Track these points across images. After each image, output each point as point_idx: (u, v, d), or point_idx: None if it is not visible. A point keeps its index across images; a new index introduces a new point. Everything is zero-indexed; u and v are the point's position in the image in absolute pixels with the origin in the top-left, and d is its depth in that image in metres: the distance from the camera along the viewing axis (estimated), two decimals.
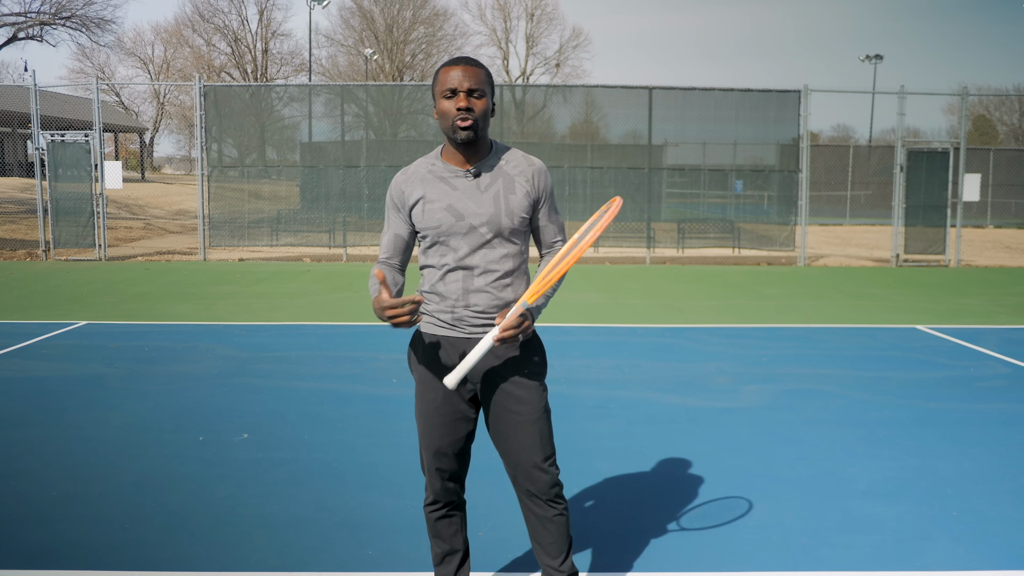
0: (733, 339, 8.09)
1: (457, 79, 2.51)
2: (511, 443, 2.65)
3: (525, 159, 2.65)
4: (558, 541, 2.72)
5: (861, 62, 51.67)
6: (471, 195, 2.56)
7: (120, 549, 3.42)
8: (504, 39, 57.75)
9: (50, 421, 5.17)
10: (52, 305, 9.76)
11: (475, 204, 2.55)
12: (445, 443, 2.68)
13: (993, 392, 6.15)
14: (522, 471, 2.66)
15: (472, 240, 2.56)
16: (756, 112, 16.00)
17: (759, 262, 15.88)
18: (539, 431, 2.64)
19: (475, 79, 2.52)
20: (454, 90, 2.51)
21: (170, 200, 28.38)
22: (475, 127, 2.52)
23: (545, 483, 2.66)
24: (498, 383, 2.62)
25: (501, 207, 2.55)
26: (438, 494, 2.76)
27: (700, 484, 4.19)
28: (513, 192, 2.57)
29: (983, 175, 20.29)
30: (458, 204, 2.56)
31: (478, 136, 2.54)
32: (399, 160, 16.16)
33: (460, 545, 2.84)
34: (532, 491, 2.67)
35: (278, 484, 4.13)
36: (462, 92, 2.51)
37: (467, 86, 2.51)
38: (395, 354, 7.14)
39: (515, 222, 2.57)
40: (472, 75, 2.52)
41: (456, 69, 2.53)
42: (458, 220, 2.56)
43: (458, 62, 2.55)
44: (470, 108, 2.51)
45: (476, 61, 2.59)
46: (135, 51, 54.44)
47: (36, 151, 15.06)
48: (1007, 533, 3.63)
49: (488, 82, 2.56)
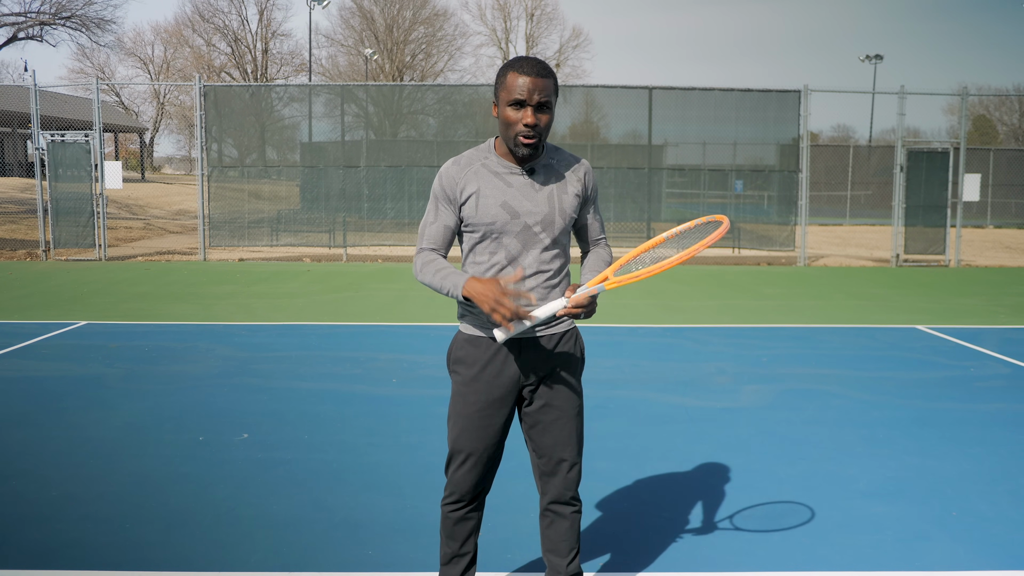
0: (733, 339, 8.09)
1: (527, 90, 2.38)
2: (549, 437, 2.65)
3: (573, 157, 2.63)
4: (569, 539, 2.72)
5: (861, 62, 51.69)
6: (526, 193, 2.52)
7: (120, 549, 3.42)
8: (504, 39, 57.78)
9: (50, 421, 5.17)
10: (52, 305, 9.76)
11: (530, 202, 2.51)
12: (481, 446, 2.64)
13: (993, 392, 6.15)
14: (555, 466, 2.67)
15: (525, 239, 2.52)
16: (756, 112, 16.01)
17: (759, 262, 15.88)
18: (577, 428, 2.68)
19: (545, 91, 2.40)
20: (522, 102, 2.40)
21: (170, 200, 28.39)
22: (538, 144, 2.46)
23: (572, 480, 2.69)
24: (548, 377, 2.63)
25: (555, 206, 2.53)
26: (463, 494, 2.70)
27: (700, 484, 4.19)
28: (566, 191, 2.56)
29: (983, 175, 20.29)
30: (513, 201, 2.51)
31: (539, 152, 2.51)
32: (399, 160, 16.17)
33: (471, 549, 2.81)
34: (558, 487, 2.68)
35: (278, 484, 4.13)
36: (530, 106, 2.40)
37: (536, 99, 2.39)
38: (395, 354, 7.14)
39: (566, 221, 2.57)
40: (542, 87, 2.40)
41: (527, 78, 2.38)
42: (513, 218, 2.51)
43: (529, 70, 2.39)
44: (536, 124, 2.41)
45: (547, 68, 2.43)
46: (135, 51, 54.50)
47: (36, 151, 15.06)
48: (1007, 533, 3.63)
49: (556, 91, 2.47)
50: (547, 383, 2.64)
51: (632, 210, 15.98)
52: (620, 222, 16.10)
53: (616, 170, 16.03)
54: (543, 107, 2.42)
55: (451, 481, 2.71)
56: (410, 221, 16.06)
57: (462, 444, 2.65)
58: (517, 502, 3.86)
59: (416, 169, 16.00)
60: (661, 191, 16.52)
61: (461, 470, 2.68)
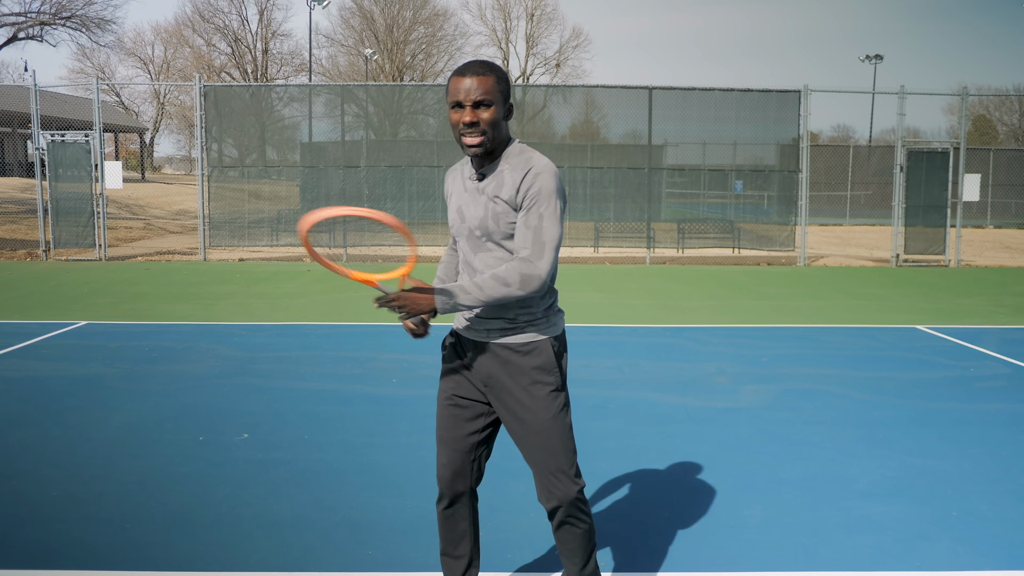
0: (733, 339, 8.09)
1: (463, 91, 2.42)
2: (523, 451, 2.63)
3: (525, 159, 2.50)
4: (577, 550, 2.67)
5: (861, 62, 51.70)
6: (473, 199, 2.55)
7: (120, 549, 3.42)
8: (504, 39, 57.79)
9: (50, 421, 5.17)
10: (52, 305, 9.76)
11: (473, 207, 2.54)
12: (447, 435, 2.70)
13: (993, 392, 6.15)
14: (540, 479, 2.61)
15: (472, 243, 2.57)
16: (756, 112, 16.00)
17: (759, 262, 15.87)
18: (546, 441, 2.57)
19: (482, 89, 2.42)
20: (460, 103, 2.43)
21: (170, 200, 28.39)
22: (483, 143, 2.46)
23: (546, 492, 2.60)
24: (503, 390, 2.60)
25: (489, 212, 2.50)
26: (442, 489, 2.74)
27: (700, 484, 4.19)
28: (500, 197, 2.49)
29: (983, 175, 20.29)
30: (464, 206, 2.58)
31: (489, 148, 2.49)
32: (399, 160, 16.17)
33: (466, 552, 2.79)
34: (547, 502, 2.61)
35: (278, 484, 4.14)
36: (468, 105, 2.43)
37: (472, 98, 2.42)
38: (395, 354, 7.14)
39: (501, 226, 2.49)
40: (478, 85, 2.42)
41: (463, 79, 2.42)
42: (462, 222, 2.59)
43: (465, 71, 2.44)
44: (475, 122, 2.43)
45: (485, 66, 2.46)
46: (135, 51, 54.53)
47: (36, 151, 15.06)
48: (1007, 533, 3.63)
49: (499, 88, 2.45)
50: (503, 394, 2.60)
51: (632, 210, 15.99)
52: (620, 222, 16.11)
53: (616, 170, 16.03)
54: (481, 104, 2.44)
55: (437, 476, 2.77)
56: (410, 221, 16.05)
57: (439, 434, 2.73)
58: (517, 502, 3.87)
59: (416, 169, 15.99)
60: (661, 191, 16.52)
61: (439, 463, 2.74)
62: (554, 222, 2.43)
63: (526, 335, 2.57)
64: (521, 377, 2.57)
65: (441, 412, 2.72)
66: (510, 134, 2.59)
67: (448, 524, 2.78)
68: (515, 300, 2.45)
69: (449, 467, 2.71)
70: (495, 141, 2.49)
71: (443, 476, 2.72)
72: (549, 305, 2.60)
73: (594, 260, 15.95)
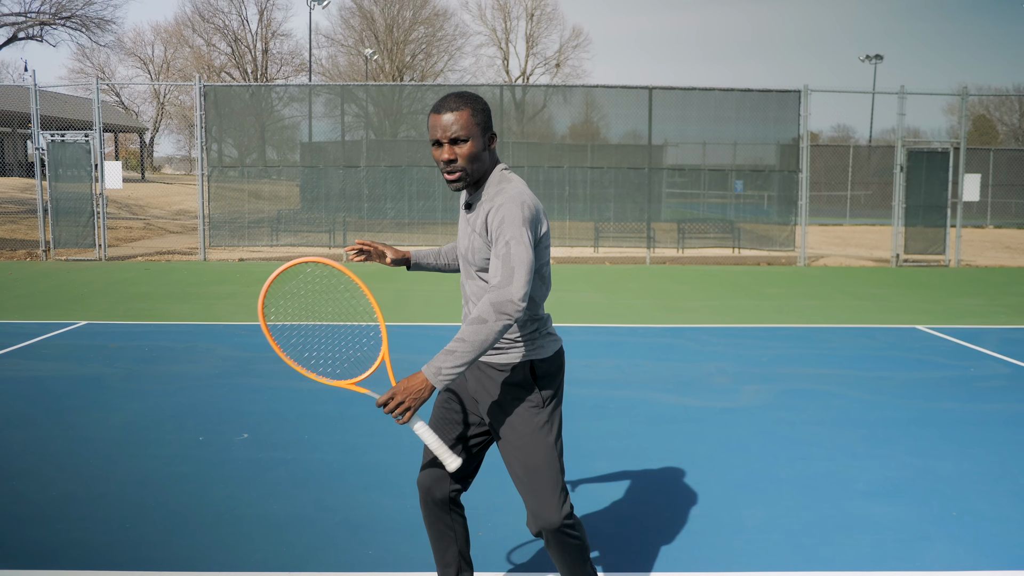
0: (733, 339, 8.09)
1: (440, 128, 2.45)
2: (509, 470, 2.60)
3: (497, 191, 2.50)
4: (566, 567, 2.63)
5: (861, 62, 51.68)
6: (463, 227, 2.62)
7: (120, 549, 3.42)
8: (504, 39, 57.77)
9: (50, 421, 5.17)
10: (52, 305, 9.76)
11: (464, 238, 2.60)
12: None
13: (993, 392, 6.15)
14: (525, 501, 2.55)
15: (465, 270, 2.63)
16: (756, 112, 16.01)
17: (759, 262, 15.87)
18: (527, 459, 2.52)
19: (457, 125, 2.44)
20: (438, 140, 2.47)
21: (170, 200, 28.39)
22: (463, 177, 2.50)
23: (543, 521, 2.51)
24: (488, 405, 2.62)
25: (472, 243, 2.55)
26: (419, 488, 2.74)
27: (700, 484, 4.19)
28: (475, 230, 2.52)
29: (983, 175, 20.29)
30: (459, 234, 2.65)
31: (468, 183, 2.52)
32: (399, 160, 16.17)
33: (453, 560, 2.78)
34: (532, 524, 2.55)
35: (278, 484, 4.14)
36: (445, 143, 2.46)
37: (449, 135, 2.45)
38: (395, 354, 7.10)
39: (477, 260, 2.54)
40: (453, 122, 2.44)
41: (438, 117, 2.45)
42: (459, 250, 2.66)
43: (440, 108, 2.46)
44: (453, 159, 2.46)
45: (460, 100, 2.46)
46: (135, 51, 54.50)
47: (36, 151, 15.06)
48: (1007, 533, 3.63)
49: (476, 120, 2.46)
50: (488, 409, 2.62)
51: (632, 210, 15.98)
52: (620, 222, 16.11)
53: (616, 170, 16.03)
54: (457, 141, 2.46)
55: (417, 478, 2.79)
56: (410, 221, 16.06)
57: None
58: (517, 502, 3.86)
59: (416, 169, 15.99)
60: (661, 191, 16.52)
61: (422, 464, 2.75)
62: (522, 247, 2.38)
63: (506, 356, 2.58)
64: (502, 394, 2.59)
65: (434, 414, 2.75)
66: (497, 159, 2.59)
67: (432, 530, 2.79)
68: (501, 334, 2.36)
69: (431, 475, 2.71)
70: (477, 174, 2.52)
71: (422, 479, 2.73)
72: (533, 330, 2.59)
73: (594, 260, 15.95)
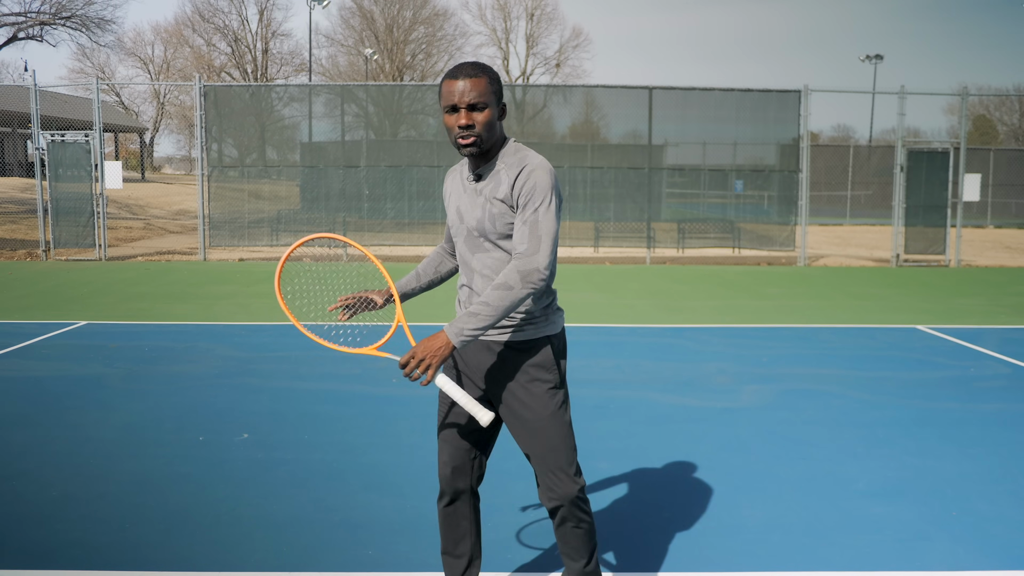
0: (733, 339, 8.09)
1: (457, 94, 2.45)
2: (524, 449, 2.64)
3: (520, 159, 2.52)
4: (578, 548, 2.68)
5: (861, 62, 51.70)
6: (471, 199, 2.58)
7: (120, 549, 3.42)
8: (504, 39, 57.77)
9: (50, 421, 5.17)
10: (52, 305, 9.76)
11: (471, 208, 2.57)
12: (449, 432, 2.72)
13: (993, 392, 6.15)
14: (541, 477, 2.62)
15: (470, 243, 2.59)
16: (756, 112, 16.01)
17: (759, 262, 15.87)
18: (546, 438, 2.58)
19: (475, 91, 2.44)
20: (454, 106, 2.46)
21: (170, 200, 28.39)
22: (478, 143, 2.48)
23: (561, 494, 2.58)
24: (502, 388, 2.61)
25: (486, 213, 2.52)
26: (443, 485, 2.75)
27: (700, 484, 4.19)
28: (497, 197, 2.50)
29: (983, 175, 20.28)
30: (462, 207, 2.60)
31: (483, 149, 2.51)
32: (399, 160, 16.17)
33: (466, 551, 2.80)
34: (548, 500, 2.61)
35: (278, 484, 4.13)
36: (463, 108, 2.45)
37: (467, 100, 2.44)
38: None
39: (498, 227, 2.51)
40: (472, 87, 2.44)
41: (455, 82, 2.45)
42: (460, 223, 2.61)
43: (457, 74, 2.46)
44: (471, 125, 2.46)
45: (477, 68, 2.49)
46: (135, 51, 54.47)
47: (36, 151, 15.06)
48: (1007, 533, 3.63)
49: (492, 89, 2.48)
50: (502, 392, 2.61)
51: (632, 210, 15.98)
52: (620, 222, 16.11)
53: (616, 170, 16.03)
54: (475, 107, 2.46)
55: (439, 474, 2.78)
56: (410, 221, 16.06)
57: (440, 431, 2.74)
58: (517, 502, 3.87)
59: (416, 169, 16.00)
60: (661, 191, 16.52)
61: (440, 460, 2.74)
62: (550, 217, 2.43)
63: (524, 333, 2.58)
64: (519, 375, 2.59)
65: (442, 409, 2.73)
66: (505, 133, 2.60)
67: (449, 522, 2.79)
68: (524, 300, 2.42)
69: (450, 464, 2.72)
70: (490, 142, 2.51)
71: (444, 473, 2.73)
72: (548, 304, 2.61)
73: (594, 260, 15.95)
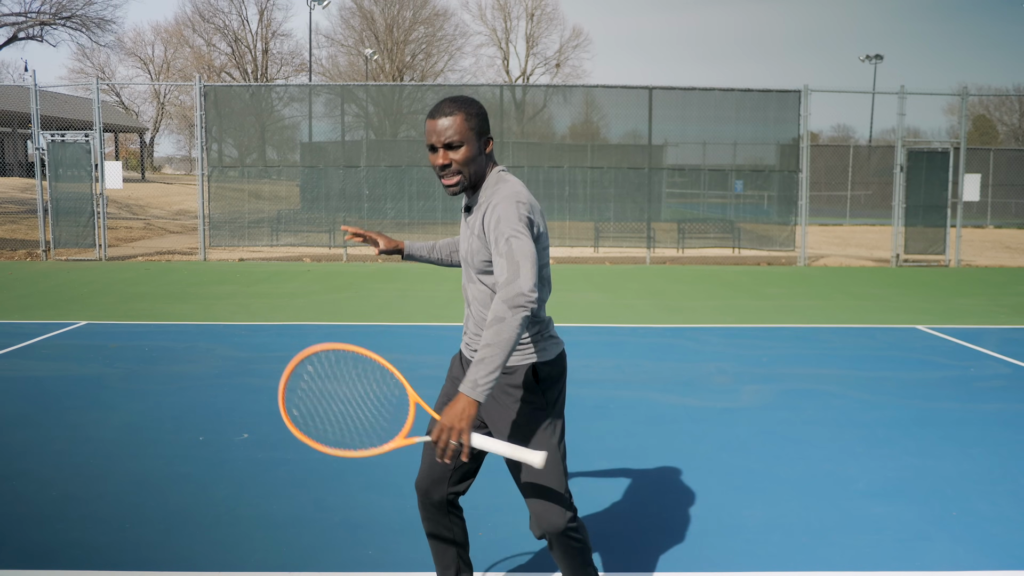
0: (733, 339, 8.08)
1: (435, 134, 2.47)
2: (514, 475, 2.58)
3: (491, 194, 2.49)
4: (568, 567, 2.63)
5: (861, 62, 51.69)
6: (463, 230, 2.64)
7: (120, 549, 3.42)
8: (504, 39, 57.77)
9: (50, 421, 5.17)
10: (52, 305, 9.76)
11: (465, 238, 2.62)
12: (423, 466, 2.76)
13: (993, 392, 6.15)
14: (530, 505, 2.55)
15: (466, 272, 2.64)
16: (756, 112, 16.00)
17: (759, 262, 15.87)
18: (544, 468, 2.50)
19: (451, 129, 2.44)
20: (432, 146, 2.48)
21: (170, 200, 28.39)
22: (459, 182, 2.51)
23: (548, 524, 2.51)
24: (490, 407, 2.59)
25: (470, 245, 2.56)
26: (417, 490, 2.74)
27: (700, 484, 4.19)
28: (475, 230, 2.53)
29: (983, 175, 20.29)
30: (461, 237, 2.68)
31: (466, 187, 2.53)
32: (399, 160, 16.17)
33: (452, 563, 2.78)
34: (537, 528, 2.55)
35: (278, 484, 4.13)
36: (440, 148, 2.47)
37: (443, 140, 2.45)
38: (395, 354, 7.14)
39: (476, 262, 2.54)
40: (448, 127, 2.44)
41: (434, 122, 2.47)
42: (461, 252, 2.66)
43: (436, 113, 2.47)
44: (447, 164, 2.48)
45: (454, 105, 2.46)
46: (135, 51, 54.50)
47: (36, 151, 15.06)
48: (1007, 533, 3.63)
49: (470, 125, 2.46)
50: (491, 411, 2.59)
51: (632, 210, 15.99)
52: (620, 222, 16.11)
53: (616, 170, 16.03)
54: (451, 146, 2.47)
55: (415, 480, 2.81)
56: (410, 221, 16.06)
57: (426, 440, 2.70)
58: (517, 502, 3.86)
59: (416, 169, 15.99)
60: (661, 191, 16.52)
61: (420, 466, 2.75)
62: (523, 243, 2.34)
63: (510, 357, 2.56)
64: (504, 396, 2.57)
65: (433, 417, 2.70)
66: (494, 162, 2.60)
67: (430, 533, 2.80)
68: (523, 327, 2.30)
69: (427, 472, 2.72)
70: (472, 178, 2.52)
71: (420, 482, 2.74)
72: (536, 332, 2.58)
73: (594, 260, 15.94)
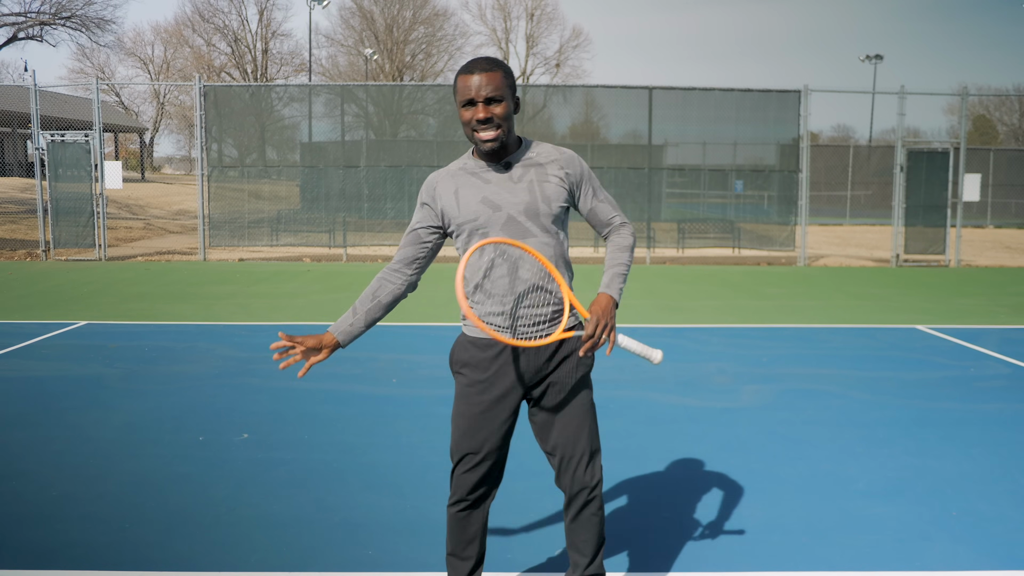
0: (733, 339, 8.08)
1: (473, 88, 2.45)
2: (560, 435, 2.64)
3: (556, 149, 2.62)
4: (590, 540, 2.70)
5: (861, 62, 51.69)
6: (505, 186, 2.55)
7: (120, 549, 3.42)
8: (504, 39, 57.75)
9: (50, 421, 5.17)
10: (52, 305, 9.76)
11: (510, 194, 2.54)
12: (482, 447, 2.64)
13: (993, 392, 6.15)
14: (567, 462, 2.65)
15: (512, 230, 2.53)
16: (756, 112, 16.00)
17: (759, 262, 15.87)
18: (588, 425, 2.66)
19: (492, 85, 2.45)
20: (472, 100, 2.46)
21: (170, 200, 28.39)
22: (499, 137, 2.49)
23: (590, 478, 2.66)
24: (551, 379, 2.63)
25: (537, 195, 2.54)
26: (463, 494, 2.69)
27: (700, 484, 4.19)
28: (547, 179, 2.55)
29: (983, 175, 20.29)
30: (493, 196, 2.55)
31: (503, 143, 2.52)
32: (399, 160, 16.17)
33: (474, 553, 2.78)
34: (574, 483, 2.65)
35: (278, 484, 4.13)
36: (480, 102, 2.46)
37: (484, 95, 2.45)
38: (395, 354, 7.14)
39: (552, 208, 2.55)
40: (488, 81, 2.45)
41: (471, 77, 2.45)
42: (495, 211, 2.54)
43: (473, 68, 2.47)
44: (489, 118, 2.46)
45: (491, 63, 2.50)
46: (135, 51, 54.47)
47: (36, 151, 15.06)
48: (1007, 533, 3.63)
49: (507, 83, 2.49)
50: (552, 384, 2.64)
51: (632, 210, 15.98)
52: None
53: (616, 170, 16.03)
54: (492, 101, 2.47)
55: (453, 482, 2.72)
56: (409, 221, 16.04)
57: (464, 445, 2.65)
58: (517, 502, 3.86)
59: (416, 169, 16.00)
60: (661, 191, 16.52)
61: (462, 471, 2.68)
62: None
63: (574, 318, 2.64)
64: (573, 367, 2.64)
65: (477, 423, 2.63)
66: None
67: (461, 526, 2.75)
68: None
69: (478, 474, 2.67)
70: (508, 136, 2.52)
71: (469, 483, 2.67)
72: None
73: (594, 260, 15.95)
